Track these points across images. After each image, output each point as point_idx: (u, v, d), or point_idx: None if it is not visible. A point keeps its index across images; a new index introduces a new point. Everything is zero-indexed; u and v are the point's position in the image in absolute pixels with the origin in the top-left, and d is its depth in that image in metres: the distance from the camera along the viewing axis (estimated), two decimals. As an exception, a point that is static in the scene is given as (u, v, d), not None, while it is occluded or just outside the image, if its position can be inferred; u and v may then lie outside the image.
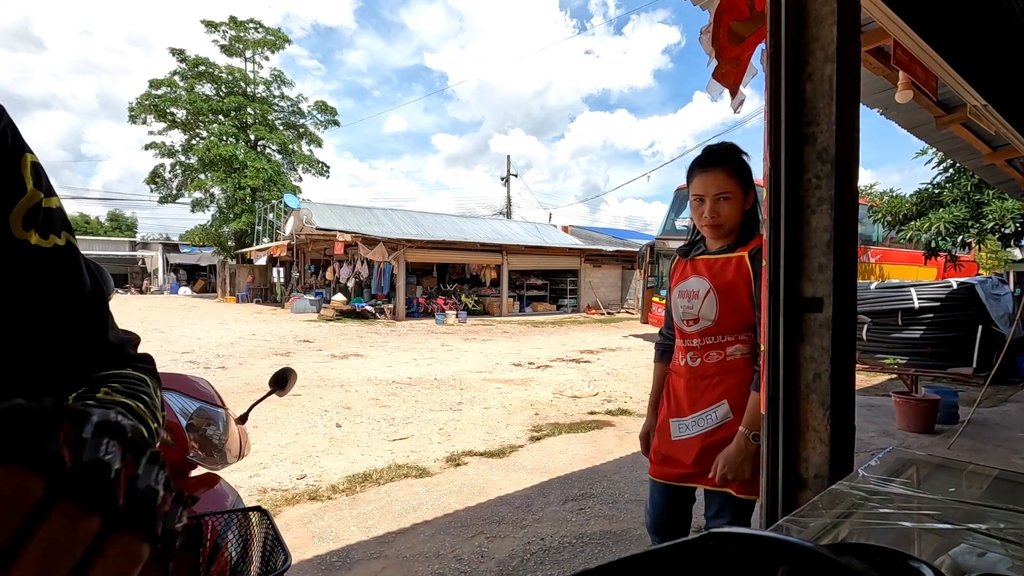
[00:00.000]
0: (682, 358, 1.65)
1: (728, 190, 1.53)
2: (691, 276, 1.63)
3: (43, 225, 0.49)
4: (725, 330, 1.58)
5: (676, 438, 1.63)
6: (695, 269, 1.64)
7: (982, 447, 4.68)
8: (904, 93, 3.63)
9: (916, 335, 8.65)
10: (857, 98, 1.83)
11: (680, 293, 1.64)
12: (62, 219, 0.52)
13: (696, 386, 1.60)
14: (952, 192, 9.31)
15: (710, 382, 1.59)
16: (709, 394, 1.59)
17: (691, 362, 1.61)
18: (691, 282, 1.62)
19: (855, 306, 1.87)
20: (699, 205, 1.55)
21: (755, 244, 1.60)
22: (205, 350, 10.31)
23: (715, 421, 1.57)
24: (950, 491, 1.05)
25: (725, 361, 1.58)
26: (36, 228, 0.48)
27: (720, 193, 1.53)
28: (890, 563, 0.43)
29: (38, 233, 0.48)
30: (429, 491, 3.62)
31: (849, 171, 1.79)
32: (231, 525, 1.31)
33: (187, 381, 1.50)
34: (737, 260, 1.58)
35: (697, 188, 1.53)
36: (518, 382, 7.73)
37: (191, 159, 28.80)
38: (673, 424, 1.65)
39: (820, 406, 1.77)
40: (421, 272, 22.10)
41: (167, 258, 38.95)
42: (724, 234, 1.59)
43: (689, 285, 1.62)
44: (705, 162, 1.52)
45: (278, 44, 29.94)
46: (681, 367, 1.64)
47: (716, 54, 2.53)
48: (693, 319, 1.60)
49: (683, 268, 1.69)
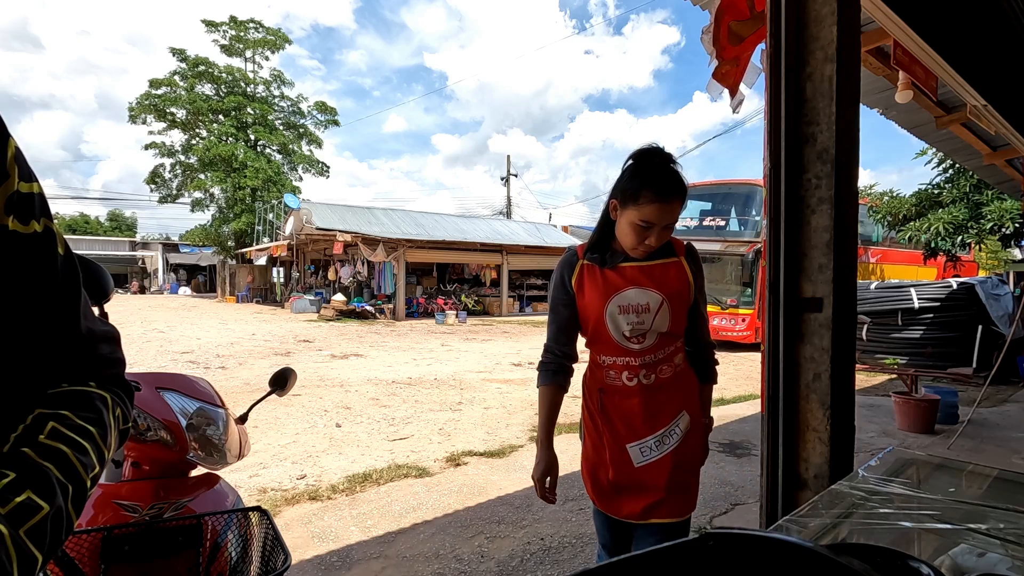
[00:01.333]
0: (629, 377, 1.48)
1: (676, 218, 1.43)
2: (628, 288, 1.46)
3: (22, 211, 0.49)
4: (674, 339, 1.51)
5: (641, 463, 1.48)
6: (628, 279, 1.47)
7: (982, 447, 4.68)
8: (904, 93, 3.63)
9: (916, 335, 8.65)
10: (857, 98, 1.83)
11: (621, 308, 1.46)
12: (42, 205, 0.52)
13: (653, 403, 1.48)
14: (952, 192, 9.31)
15: (668, 395, 1.49)
16: (668, 408, 1.49)
17: (644, 379, 1.47)
18: (632, 294, 1.46)
19: (855, 306, 1.87)
20: (644, 231, 1.40)
21: (679, 244, 1.54)
22: (205, 350, 10.31)
23: (680, 434, 1.48)
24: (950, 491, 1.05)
25: (676, 370, 1.51)
26: (15, 214, 0.48)
27: (671, 223, 1.42)
28: (890, 563, 0.43)
29: (17, 219, 0.48)
30: (429, 491, 3.62)
31: (849, 171, 1.79)
32: (231, 525, 1.31)
33: (187, 381, 1.50)
34: (676, 265, 1.50)
35: (651, 216, 1.37)
36: (518, 382, 7.73)
37: (191, 159, 28.80)
38: (633, 450, 1.49)
39: (820, 406, 1.77)
40: (421, 272, 22.11)
41: (167, 258, 38.95)
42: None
43: (631, 298, 1.45)
44: (668, 193, 1.37)
45: (278, 44, 29.94)
46: (631, 387, 1.48)
47: (717, 54, 2.53)
48: (642, 334, 1.46)
49: (604, 278, 1.49)
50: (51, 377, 0.56)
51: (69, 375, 0.57)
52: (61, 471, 0.49)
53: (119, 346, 0.65)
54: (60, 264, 0.54)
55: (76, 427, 0.53)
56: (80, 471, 0.51)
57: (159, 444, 1.33)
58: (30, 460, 0.48)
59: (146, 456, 1.36)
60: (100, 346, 0.61)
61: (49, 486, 0.47)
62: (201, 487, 1.39)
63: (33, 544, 0.44)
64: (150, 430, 1.32)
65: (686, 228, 13.43)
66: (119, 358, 0.64)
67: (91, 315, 0.60)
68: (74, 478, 0.50)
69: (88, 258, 1.01)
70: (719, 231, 12.58)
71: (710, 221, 12.91)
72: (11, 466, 0.46)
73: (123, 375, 0.64)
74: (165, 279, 37.63)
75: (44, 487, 0.47)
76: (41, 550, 0.45)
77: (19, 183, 0.49)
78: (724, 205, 12.93)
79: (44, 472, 0.47)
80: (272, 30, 29.94)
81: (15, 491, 0.45)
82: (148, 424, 1.32)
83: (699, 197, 13.76)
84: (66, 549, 1.11)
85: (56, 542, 0.47)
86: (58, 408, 0.53)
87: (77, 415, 0.54)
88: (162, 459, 1.36)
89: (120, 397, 0.62)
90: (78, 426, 0.53)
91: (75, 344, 0.57)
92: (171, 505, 1.28)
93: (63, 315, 0.55)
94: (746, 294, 11.74)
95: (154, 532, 1.20)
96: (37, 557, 0.44)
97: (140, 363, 8.66)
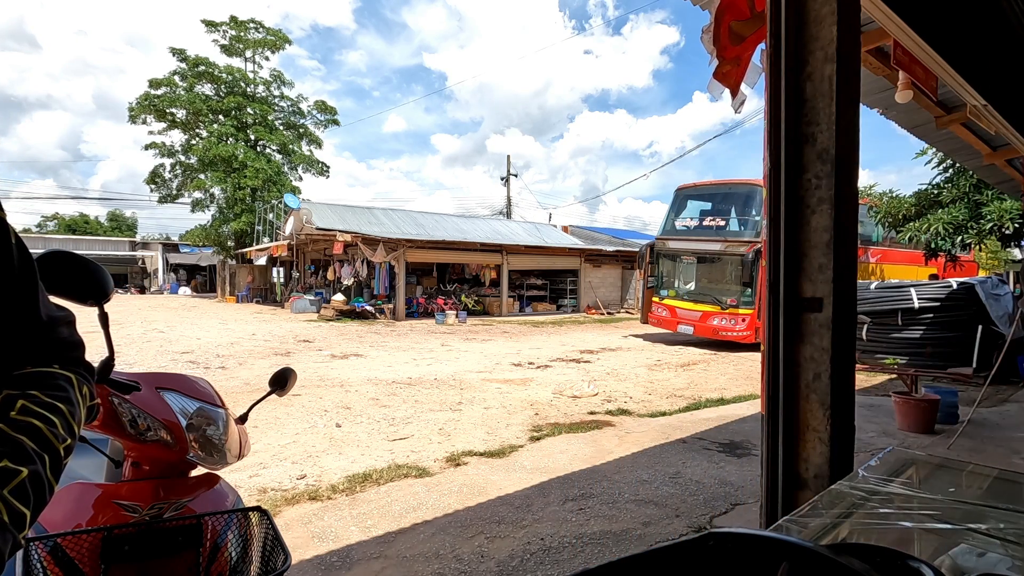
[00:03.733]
0: None
1: None
2: None
3: None
4: None
5: None
6: None
7: (982, 447, 4.68)
8: (904, 93, 3.63)
9: (916, 335, 8.66)
10: (857, 98, 1.83)
11: None
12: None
13: None
14: (951, 192, 9.31)
15: None
16: None
17: None
18: None
19: (855, 306, 1.87)
20: None
21: None
22: (205, 350, 10.31)
23: None
24: (950, 491, 1.05)
25: None
26: None
27: None
28: (890, 563, 0.43)
29: None
30: (429, 491, 3.62)
31: (849, 171, 1.79)
32: (231, 525, 1.31)
33: (187, 381, 1.50)
34: None
35: None
36: (518, 382, 7.73)
37: (191, 159, 28.78)
38: None
39: (820, 406, 1.77)
40: (421, 272, 22.10)
41: (167, 258, 38.93)
42: None
43: None
44: None
45: (278, 44, 29.93)
46: None
47: (717, 54, 2.53)
48: None
49: None
50: (15, 360, 0.59)
51: (33, 358, 0.60)
52: (35, 442, 0.53)
53: (76, 329, 0.69)
54: (15, 252, 0.57)
55: (45, 404, 0.57)
56: (53, 442, 0.55)
57: (159, 444, 1.33)
58: (3, 433, 0.52)
59: (146, 456, 1.36)
60: (60, 329, 0.64)
61: (25, 454, 0.52)
62: (201, 487, 1.39)
63: (18, 501, 0.49)
64: (150, 430, 1.32)
65: (686, 228, 13.45)
66: (78, 341, 0.68)
67: (48, 301, 0.64)
68: (48, 447, 0.54)
69: (88, 258, 1.01)
70: (719, 231, 12.58)
71: (710, 221, 12.91)
72: None
73: (83, 356, 0.68)
74: (165, 279, 37.61)
75: (20, 455, 0.51)
76: (27, 506, 0.50)
77: None
78: (724, 205, 12.93)
79: (18, 443, 0.52)
80: (272, 30, 29.92)
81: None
82: (148, 424, 1.32)
83: (699, 197, 13.76)
84: (66, 549, 1.11)
85: (40, 502, 0.52)
86: (25, 388, 0.57)
87: (45, 394, 0.58)
88: (162, 459, 1.36)
89: (84, 377, 0.66)
90: (47, 403, 0.57)
91: (37, 328, 0.61)
92: (171, 505, 1.28)
93: (23, 300, 0.59)
94: (746, 294, 11.75)
95: (154, 532, 1.19)
96: (24, 512, 0.49)
97: (140, 363, 8.66)
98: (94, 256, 8.03)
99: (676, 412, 6.10)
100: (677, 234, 13.45)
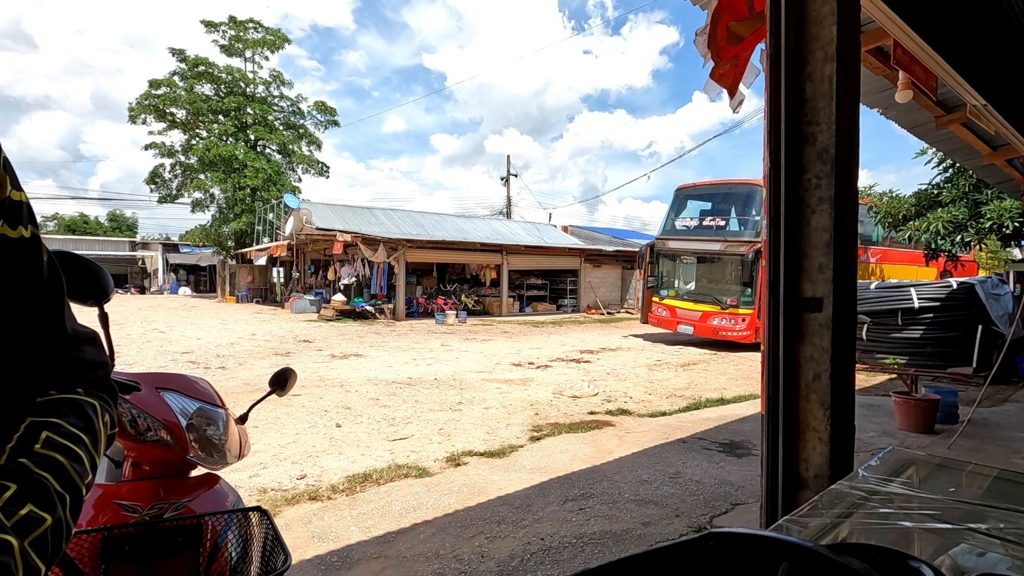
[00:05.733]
0: None
1: None
2: None
3: (13, 217, 0.52)
4: None
5: None
6: None
7: (982, 447, 4.68)
8: (904, 93, 3.63)
9: (916, 335, 8.65)
10: (857, 98, 1.83)
11: None
12: (29, 213, 0.55)
13: None
14: (951, 192, 9.31)
15: None
16: None
17: None
18: None
19: (855, 306, 1.87)
20: None
21: None
22: (205, 350, 10.31)
23: None
24: (950, 491, 1.05)
25: None
26: (6, 219, 0.51)
27: None
28: (890, 563, 0.43)
29: (7, 224, 0.51)
30: (429, 491, 3.62)
31: (849, 171, 1.79)
32: (231, 525, 1.31)
33: (187, 381, 1.50)
34: None
35: None
36: (518, 382, 7.73)
37: (191, 159, 28.78)
38: None
39: (820, 406, 1.77)
40: (421, 272, 22.10)
41: (167, 258, 38.92)
42: None
43: None
44: None
45: (278, 44, 29.93)
46: None
47: (713, 55, 2.53)
48: None
49: None
50: (40, 383, 0.57)
51: (57, 381, 0.59)
52: (59, 481, 0.51)
53: (103, 348, 0.67)
54: (46, 269, 0.56)
55: (69, 435, 0.55)
56: (76, 480, 0.53)
57: (159, 444, 1.33)
58: (28, 472, 0.49)
59: (146, 456, 1.36)
60: (85, 349, 0.62)
61: (49, 498, 0.49)
62: (201, 487, 1.39)
63: (36, 555, 0.46)
64: (150, 430, 1.32)
65: (686, 228, 13.45)
66: (104, 361, 0.66)
67: (74, 319, 0.62)
68: (71, 487, 0.52)
69: (88, 258, 1.01)
70: (719, 231, 12.58)
71: (710, 221, 12.91)
72: (11, 478, 0.48)
73: (108, 377, 0.66)
74: (165, 279, 37.61)
75: (45, 499, 0.49)
76: (44, 561, 0.46)
77: (10, 190, 0.52)
78: (724, 205, 12.93)
79: (43, 484, 0.49)
80: (271, 30, 29.92)
81: (18, 504, 0.46)
82: (148, 424, 1.32)
83: (699, 197, 13.76)
84: (66, 549, 1.11)
85: (56, 552, 0.49)
86: (49, 416, 0.55)
87: (69, 423, 0.56)
88: (162, 459, 1.36)
89: (107, 402, 0.64)
90: (71, 434, 0.55)
91: (62, 348, 0.59)
92: (171, 505, 1.28)
93: (50, 318, 0.57)
94: (746, 294, 11.75)
95: (154, 532, 1.20)
96: (40, 568, 0.46)
97: (140, 363, 8.66)
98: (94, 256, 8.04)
99: (676, 412, 6.10)
100: (677, 234, 13.45)
